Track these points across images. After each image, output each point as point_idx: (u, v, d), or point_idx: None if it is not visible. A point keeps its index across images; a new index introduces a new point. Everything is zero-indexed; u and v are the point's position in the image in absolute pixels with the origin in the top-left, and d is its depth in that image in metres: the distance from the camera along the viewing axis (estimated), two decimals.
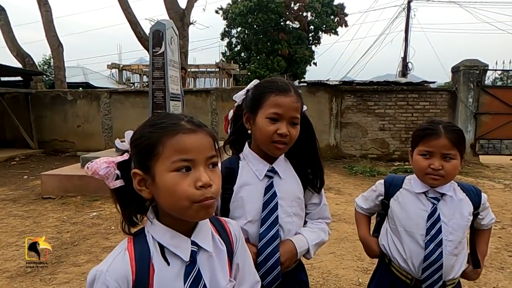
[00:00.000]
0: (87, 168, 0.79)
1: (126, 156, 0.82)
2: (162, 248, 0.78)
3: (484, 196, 1.36)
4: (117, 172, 0.80)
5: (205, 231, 0.83)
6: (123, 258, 0.76)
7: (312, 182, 1.23)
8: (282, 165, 1.20)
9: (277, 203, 1.14)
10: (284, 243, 1.15)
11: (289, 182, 1.19)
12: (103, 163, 0.79)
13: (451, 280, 1.31)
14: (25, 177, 6.47)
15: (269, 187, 1.15)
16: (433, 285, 1.28)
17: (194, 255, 0.79)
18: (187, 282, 0.76)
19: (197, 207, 0.74)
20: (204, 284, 0.79)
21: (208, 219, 0.86)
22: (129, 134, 0.83)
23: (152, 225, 0.80)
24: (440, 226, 1.27)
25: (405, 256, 1.33)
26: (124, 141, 0.83)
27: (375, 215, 1.59)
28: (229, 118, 1.32)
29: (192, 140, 0.75)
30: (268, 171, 1.17)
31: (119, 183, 0.80)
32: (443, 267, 1.26)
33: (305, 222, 1.27)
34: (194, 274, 0.78)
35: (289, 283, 1.18)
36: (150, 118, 0.82)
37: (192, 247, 0.79)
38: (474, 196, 1.34)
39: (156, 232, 0.79)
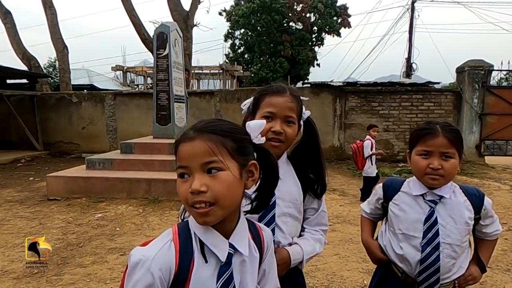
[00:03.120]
0: None
1: None
2: (202, 245, 0.81)
3: (487, 201, 1.33)
4: None
5: (242, 235, 0.86)
6: (169, 249, 0.78)
7: (313, 187, 1.25)
8: (283, 167, 1.22)
9: (274, 202, 1.17)
10: (280, 251, 1.16)
11: (288, 184, 1.21)
12: None
13: (449, 282, 1.30)
14: (31, 178, 6.52)
15: None
16: (429, 287, 1.28)
17: (230, 257, 0.82)
18: (219, 282, 0.79)
19: (194, 212, 0.77)
20: (234, 286, 0.81)
21: (246, 224, 0.89)
22: None
23: (193, 219, 0.83)
24: (438, 229, 1.27)
25: (403, 258, 1.33)
26: None
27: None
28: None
29: (186, 148, 0.78)
30: None
31: None
32: (440, 270, 1.26)
33: (303, 228, 1.28)
34: (227, 276, 0.80)
35: (285, 285, 1.19)
36: None
37: (229, 249, 0.82)
38: (476, 200, 1.32)
39: (197, 227, 0.82)
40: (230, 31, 26.27)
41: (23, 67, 11.66)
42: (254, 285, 0.87)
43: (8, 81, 11.09)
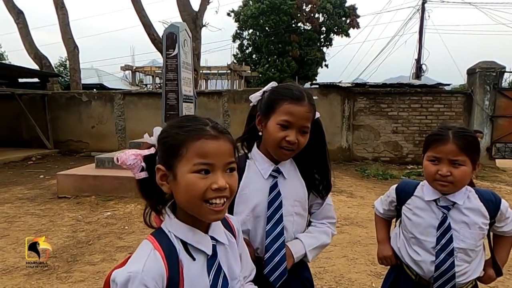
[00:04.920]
0: (117, 158, 0.84)
1: (152, 150, 0.86)
2: (185, 244, 0.83)
3: (504, 205, 1.31)
4: (143, 164, 0.85)
5: (218, 227, 0.90)
6: (155, 257, 0.78)
7: (318, 187, 1.26)
8: (287, 166, 1.24)
9: (281, 202, 1.18)
10: None
11: (292, 183, 1.23)
12: (131, 155, 0.84)
13: (464, 284, 1.29)
14: (41, 176, 6.61)
15: (274, 186, 1.20)
16: None
17: (214, 249, 0.86)
18: (211, 274, 0.83)
19: (208, 208, 0.79)
20: (224, 274, 0.86)
21: None
22: (157, 130, 0.87)
23: (171, 223, 0.84)
24: (451, 235, 1.26)
25: (417, 262, 1.33)
26: (152, 136, 0.88)
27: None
28: None
29: (213, 145, 0.80)
30: (273, 171, 1.21)
31: (143, 174, 0.85)
32: (455, 276, 1.25)
33: (310, 222, 1.31)
34: (216, 266, 0.85)
35: (293, 281, 1.22)
36: (178, 119, 0.87)
37: (212, 242, 0.86)
38: (492, 205, 1.30)
39: (177, 230, 0.83)
40: (238, 31, 26.32)
41: (34, 66, 11.84)
42: (239, 268, 0.92)
43: (20, 80, 11.26)
